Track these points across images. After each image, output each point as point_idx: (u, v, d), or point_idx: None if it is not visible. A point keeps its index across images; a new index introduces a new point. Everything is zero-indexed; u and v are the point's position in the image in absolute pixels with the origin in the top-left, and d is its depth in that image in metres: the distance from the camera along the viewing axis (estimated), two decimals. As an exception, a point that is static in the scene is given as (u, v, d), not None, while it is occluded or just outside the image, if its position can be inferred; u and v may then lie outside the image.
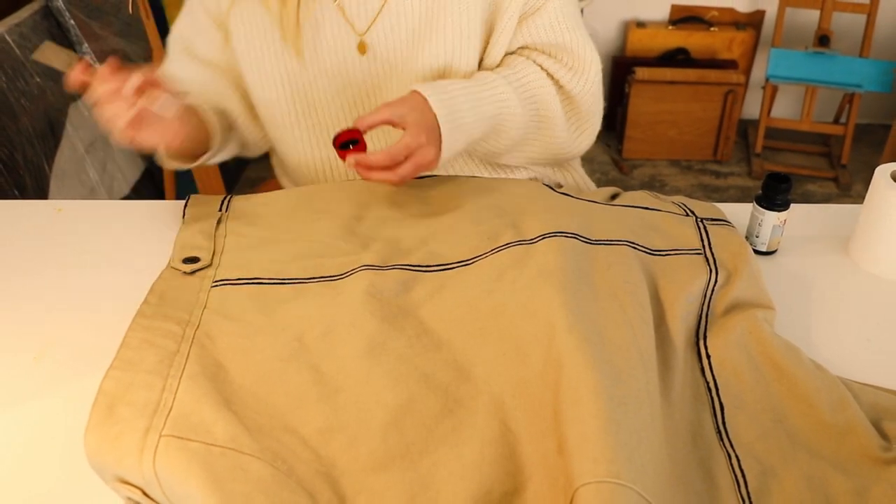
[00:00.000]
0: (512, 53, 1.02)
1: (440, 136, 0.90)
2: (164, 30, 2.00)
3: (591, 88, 1.02)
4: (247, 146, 1.14)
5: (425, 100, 0.90)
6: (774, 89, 2.77)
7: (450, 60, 0.99)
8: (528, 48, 1.01)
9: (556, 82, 1.01)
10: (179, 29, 1.06)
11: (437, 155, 0.89)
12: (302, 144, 1.07)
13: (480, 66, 1.01)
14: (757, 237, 0.92)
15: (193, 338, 0.71)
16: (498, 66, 1.01)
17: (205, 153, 1.03)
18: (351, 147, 0.87)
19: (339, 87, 1.02)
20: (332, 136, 0.91)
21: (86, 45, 1.89)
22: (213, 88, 1.05)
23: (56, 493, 0.63)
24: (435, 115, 0.89)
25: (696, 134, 2.84)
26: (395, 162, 0.86)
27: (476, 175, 1.09)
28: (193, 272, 0.81)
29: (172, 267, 0.82)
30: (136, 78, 0.81)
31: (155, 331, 0.72)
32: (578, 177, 1.16)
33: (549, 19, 0.98)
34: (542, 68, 1.00)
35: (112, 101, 0.81)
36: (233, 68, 1.04)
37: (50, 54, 0.83)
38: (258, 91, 1.04)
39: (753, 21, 2.93)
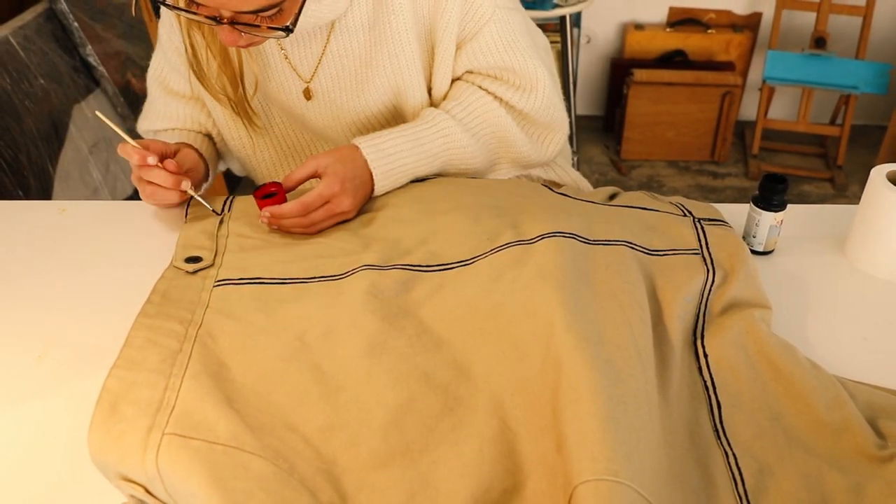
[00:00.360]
0: (458, 79, 1.02)
1: (367, 184, 0.93)
2: (166, 32, 2.00)
3: (543, 103, 1.01)
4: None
5: (356, 147, 0.93)
6: (771, 91, 2.77)
7: (395, 97, 1.00)
8: (473, 72, 1.01)
9: (506, 103, 1.01)
10: (154, 68, 1.08)
11: (352, 205, 0.90)
12: (277, 176, 1.11)
13: (431, 95, 1.02)
14: (754, 237, 0.92)
15: (196, 337, 0.71)
16: (445, 94, 1.02)
17: (206, 180, 1.10)
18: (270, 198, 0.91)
19: (298, 126, 1.06)
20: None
21: (89, 46, 1.89)
22: (196, 119, 1.09)
23: (59, 490, 0.63)
24: (366, 163, 0.92)
25: (694, 135, 2.84)
26: (307, 211, 0.88)
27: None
28: (195, 272, 0.81)
29: (175, 266, 0.82)
30: (187, 182, 0.92)
31: (158, 330, 0.72)
32: (562, 172, 1.16)
33: (486, 43, 0.97)
34: (487, 92, 1.00)
35: (166, 193, 0.92)
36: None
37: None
38: (224, 132, 1.07)
39: (750, 23, 2.93)
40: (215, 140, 1.11)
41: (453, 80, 1.02)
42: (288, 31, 0.81)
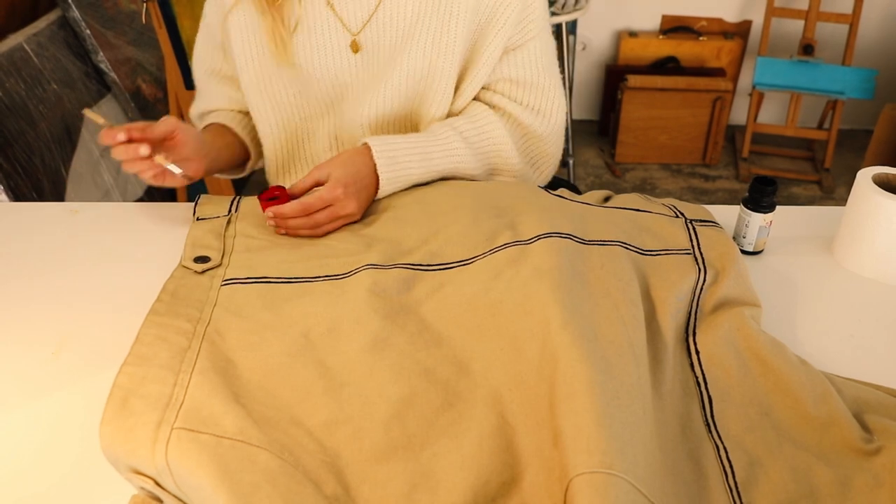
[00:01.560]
0: (486, 89, 1.02)
1: (371, 185, 0.92)
2: (175, 39, 2.00)
3: (556, 130, 1.03)
4: None
5: (365, 150, 0.93)
6: (761, 96, 2.77)
7: (428, 65, 0.99)
8: (496, 91, 1.02)
9: (521, 124, 1.01)
10: (199, 50, 1.10)
11: (356, 207, 0.90)
12: (281, 144, 1.09)
13: (460, 84, 1.01)
14: (744, 238, 0.92)
15: (204, 335, 0.71)
16: (466, 105, 1.02)
17: (246, 161, 1.11)
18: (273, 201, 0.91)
19: (328, 88, 1.02)
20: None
21: (101, 53, 1.89)
22: (234, 98, 1.09)
23: (73, 482, 0.63)
24: (374, 166, 0.92)
25: (686, 139, 2.84)
26: (308, 212, 0.88)
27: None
28: (204, 271, 0.81)
29: (184, 266, 0.82)
30: (144, 148, 0.86)
31: (167, 328, 0.72)
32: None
33: (529, 56, 0.98)
34: (505, 112, 1.01)
35: (133, 163, 0.88)
36: None
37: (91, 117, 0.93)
38: (248, 94, 1.05)
39: (741, 31, 2.93)
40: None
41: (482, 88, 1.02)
42: None
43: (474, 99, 1.03)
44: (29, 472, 0.64)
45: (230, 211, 0.94)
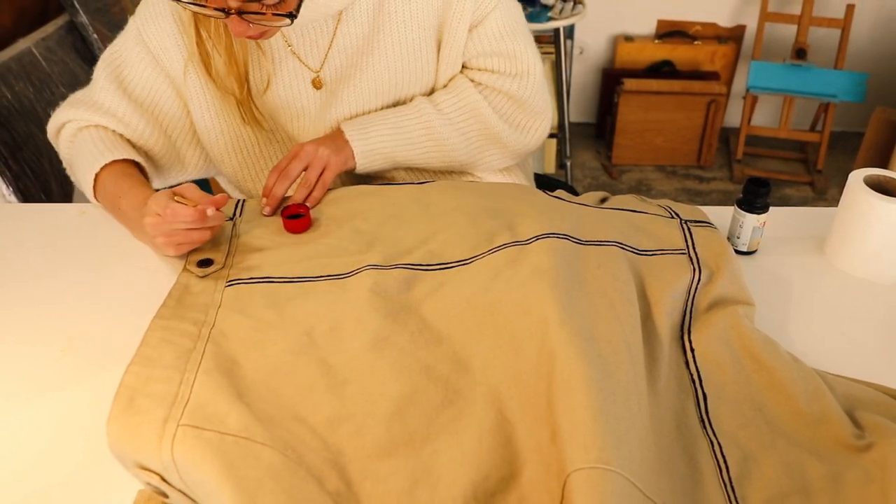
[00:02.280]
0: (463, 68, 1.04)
1: (344, 149, 0.97)
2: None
3: (536, 88, 1.04)
4: (161, 178, 1.08)
5: (338, 130, 0.99)
6: (754, 99, 2.77)
7: (394, 76, 0.99)
8: (471, 69, 1.03)
9: (504, 93, 1.02)
10: (115, 53, 0.98)
11: (327, 151, 0.94)
12: (253, 182, 1.08)
13: (438, 76, 1.03)
14: (738, 238, 0.92)
15: (209, 337, 0.71)
16: (451, 79, 1.03)
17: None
18: (297, 218, 0.90)
19: (291, 120, 1.02)
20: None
21: (108, 58, 1.89)
22: (138, 129, 0.99)
23: (80, 478, 0.63)
24: (346, 140, 0.97)
25: (681, 141, 2.84)
26: (280, 170, 0.93)
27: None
28: (206, 276, 0.81)
29: (188, 270, 0.82)
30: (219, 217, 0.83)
31: (172, 330, 0.72)
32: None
33: (490, 29, 0.99)
34: (486, 86, 1.02)
35: (202, 232, 0.83)
36: (160, 111, 1.00)
37: None
38: (204, 132, 1.01)
39: (735, 35, 2.93)
40: (154, 158, 1.02)
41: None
42: (292, 17, 0.81)
43: None
44: (38, 467, 0.64)
45: (235, 214, 0.94)
